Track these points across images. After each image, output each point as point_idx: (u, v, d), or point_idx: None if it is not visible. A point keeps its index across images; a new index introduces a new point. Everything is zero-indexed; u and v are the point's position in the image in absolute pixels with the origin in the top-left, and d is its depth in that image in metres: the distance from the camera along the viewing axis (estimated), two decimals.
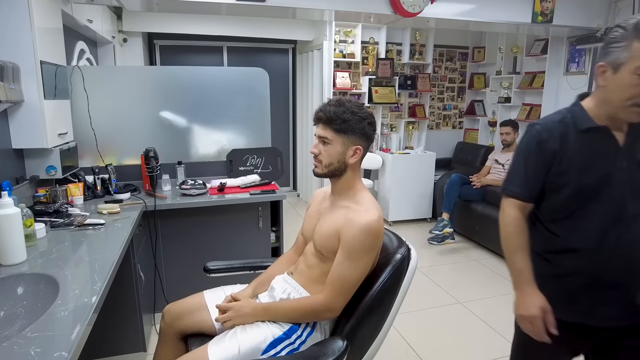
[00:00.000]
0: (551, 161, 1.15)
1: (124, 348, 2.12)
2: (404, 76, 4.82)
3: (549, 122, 1.19)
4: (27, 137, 1.98)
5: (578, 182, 1.13)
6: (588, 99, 1.18)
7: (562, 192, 1.15)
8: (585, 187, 1.12)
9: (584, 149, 1.13)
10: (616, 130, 1.13)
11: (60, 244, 1.64)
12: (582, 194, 1.13)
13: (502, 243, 1.26)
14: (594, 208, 1.12)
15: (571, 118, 1.17)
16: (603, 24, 3.79)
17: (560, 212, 1.18)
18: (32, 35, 1.87)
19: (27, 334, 1.02)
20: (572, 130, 1.15)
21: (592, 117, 1.14)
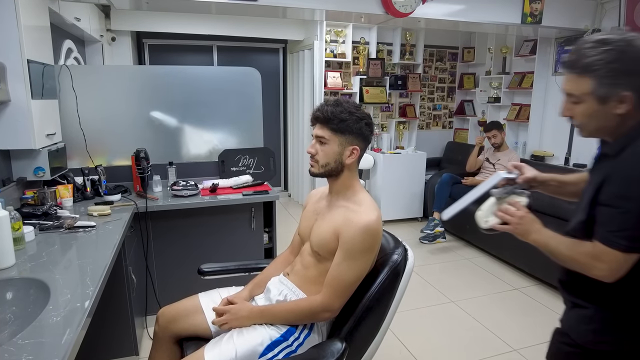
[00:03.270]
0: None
1: (115, 352, 2.09)
2: (394, 76, 4.84)
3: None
4: (13, 137, 1.92)
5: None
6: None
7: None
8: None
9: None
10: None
11: (50, 247, 1.60)
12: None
13: (562, 260, 1.09)
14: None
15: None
16: (590, 25, 3.85)
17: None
18: (19, 34, 1.82)
19: (18, 341, 0.99)
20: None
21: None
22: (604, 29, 3.77)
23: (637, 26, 3.47)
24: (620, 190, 0.95)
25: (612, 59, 0.94)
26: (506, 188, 1.27)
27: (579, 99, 1.01)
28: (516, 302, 2.90)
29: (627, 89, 0.95)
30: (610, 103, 0.97)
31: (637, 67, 0.94)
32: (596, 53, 0.95)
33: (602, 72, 0.95)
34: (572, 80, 1.01)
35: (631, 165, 0.95)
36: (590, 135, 1.08)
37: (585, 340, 1.09)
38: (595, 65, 0.95)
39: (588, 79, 0.97)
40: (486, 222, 1.25)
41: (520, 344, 2.38)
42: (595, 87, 0.97)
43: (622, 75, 0.94)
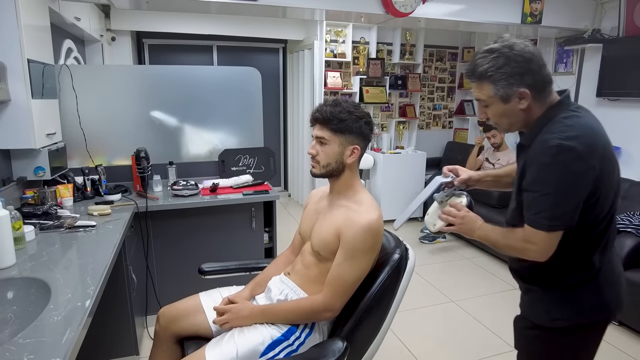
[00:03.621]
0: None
1: (116, 352, 2.08)
2: (394, 76, 4.84)
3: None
4: (14, 137, 1.92)
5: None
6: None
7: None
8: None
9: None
10: None
11: (51, 247, 1.60)
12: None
13: (502, 249, 1.21)
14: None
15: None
16: (590, 25, 3.85)
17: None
18: (19, 33, 1.82)
19: (18, 340, 0.99)
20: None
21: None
22: (604, 29, 3.77)
23: (636, 26, 3.47)
24: (535, 176, 1.07)
25: (501, 64, 1.07)
26: (446, 191, 1.37)
27: (487, 102, 1.14)
28: (516, 301, 2.87)
29: (522, 86, 1.08)
30: (513, 101, 1.10)
31: (523, 67, 1.07)
32: (487, 61, 1.09)
33: (496, 77, 1.08)
34: (476, 87, 1.14)
35: (540, 152, 1.06)
36: (508, 131, 1.20)
37: (542, 320, 1.21)
38: (489, 72, 1.08)
39: (487, 84, 1.10)
40: (434, 225, 1.35)
41: None
42: (495, 90, 1.10)
43: (513, 75, 1.07)
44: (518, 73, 1.07)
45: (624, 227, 2.64)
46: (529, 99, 1.09)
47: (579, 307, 1.17)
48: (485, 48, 1.11)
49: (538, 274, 1.20)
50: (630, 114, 3.58)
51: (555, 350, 1.22)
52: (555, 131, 1.06)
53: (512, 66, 1.07)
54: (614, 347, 2.39)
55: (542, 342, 1.23)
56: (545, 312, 1.20)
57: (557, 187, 1.04)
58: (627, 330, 2.54)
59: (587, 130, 1.06)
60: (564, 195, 1.04)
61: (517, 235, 1.13)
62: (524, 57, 1.07)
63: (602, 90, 3.72)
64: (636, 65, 3.39)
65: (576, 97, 4.09)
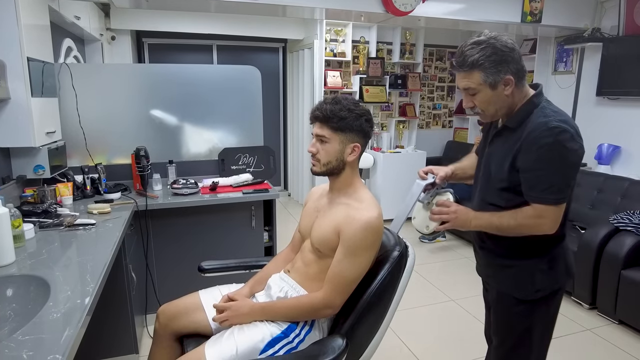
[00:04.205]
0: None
1: (115, 350, 2.08)
2: (394, 75, 4.84)
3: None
4: (13, 135, 1.92)
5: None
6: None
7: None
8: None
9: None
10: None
11: (50, 245, 1.60)
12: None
13: (511, 233, 1.28)
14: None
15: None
16: (590, 24, 3.86)
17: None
18: (19, 32, 1.82)
19: (18, 337, 0.99)
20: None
21: None
22: (604, 28, 3.77)
23: (636, 25, 3.47)
24: (536, 156, 1.17)
25: (489, 53, 1.17)
26: (428, 192, 1.41)
27: (475, 90, 1.23)
28: None
29: (508, 73, 1.19)
30: (499, 87, 1.21)
31: (508, 55, 1.18)
32: (476, 52, 1.18)
33: (486, 65, 1.18)
34: (466, 76, 1.23)
35: (541, 134, 1.17)
36: (493, 118, 1.31)
37: (527, 294, 1.33)
38: (480, 61, 1.18)
39: (477, 72, 1.19)
40: (427, 227, 1.38)
41: None
42: (484, 77, 1.19)
43: (500, 63, 1.18)
44: (504, 61, 1.18)
45: (623, 225, 2.64)
46: (513, 85, 1.21)
47: (555, 274, 1.32)
48: (471, 41, 1.21)
49: (525, 249, 1.31)
50: (630, 113, 3.58)
51: (539, 319, 1.36)
52: (549, 115, 1.19)
53: (499, 55, 1.17)
54: (615, 345, 2.39)
55: (527, 315, 1.35)
56: (531, 285, 1.32)
57: (561, 164, 1.17)
58: (627, 329, 2.54)
59: (568, 116, 1.23)
60: (566, 171, 1.18)
61: (527, 213, 1.22)
62: (508, 47, 1.19)
63: (602, 89, 3.72)
64: (636, 64, 3.39)
65: (576, 96, 4.09)
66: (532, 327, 1.36)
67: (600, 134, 3.81)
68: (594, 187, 3.27)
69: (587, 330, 2.55)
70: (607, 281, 2.60)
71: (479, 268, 1.53)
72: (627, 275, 2.49)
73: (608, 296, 2.60)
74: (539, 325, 1.37)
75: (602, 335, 2.49)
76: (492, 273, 1.43)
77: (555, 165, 1.16)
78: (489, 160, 1.35)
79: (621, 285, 2.52)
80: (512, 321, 1.39)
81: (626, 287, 2.49)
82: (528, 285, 1.32)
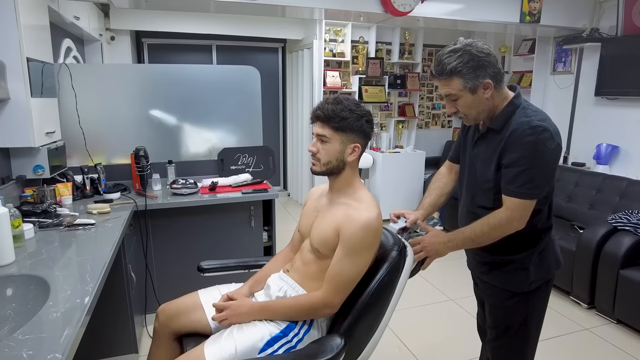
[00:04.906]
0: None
1: (115, 350, 2.08)
2: (393, 75, 4.84)
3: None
4: (13, 135, 1.92)
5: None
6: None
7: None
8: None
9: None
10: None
11: (50, 245, 1.60)
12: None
13: (487, 240, 1.34)
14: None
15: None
16: (588, 25, 3.86)
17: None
18: (18, 32, 1.82)
19: (18, 336, 1.00)
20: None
21: None
22: (602, 28, 3.78)
23: (635, 25, 3.48)
24: (520, 153, 1.23)
25: (466, 59, 1.22)
26: (402, 235, 1.49)
27: (457, 96, 1.27)
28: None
29: (486, 77, 1.24)
30: (479, 91, 1.26)
31: (485, 60, 1.23)
32: (454, 59, 1.23)
33: (464, 71, 1.22)
34: (446, 84, 1.28)
35: (523, 132, 1.23)
36: (476, 120, 1.35)
37: (522, 287, 1.38)
38: (458, 67, 1.23)
39: (456, 79, 1.24)
40: (414, 263, 1.42)
41: None
42: (464, 83, 1.24)
43: (477, 68, 1.23)
44: (482, 66, 1.23)
45: (622, 225, 2.65)
46: (492, 88, 1.26)
47: (547, 265, 1.39)
48: (448, 50, 1.26)
49: (519, 244, 1.36)
50: (629, 113, 3.59)
51: (533, 309, 1.42)
52: (530, 115, 1.26)
53: (476, 60, 1.22)
54: (613, 345, 2.40)
55: (521, 306, 1.41)
56: (526, 278, 1.37)
57: (541, 162, 1.23)
58: (625, 329, 2.55)
59: (547, 115, 1.28)
60: (545, 167, 1.25)
61: (499, 213, 1.28)
62: (483, 52, 1.24)
63: (601, 89, 3.73)
64: (634, 64, 3.40)
65: (575, 96, 4.10)
66: (527, 318, 1.42)
67: (598, 134, 3.82)
68: (593, 187, 3.28)
69: (586, 329, 2.56)
70: (606, 281, 2.60)
71: (471, 265, 1.59)
72: (626, 275, 2.49)
73: (606, 296, 2.61)
74: (534, 315, 1.43)
75: (600, 335, 2.50)
76: (486, 270, 1.47)
77: (536, 162, 1.22)
78: (473, 162, 1.40)
79: (619, 285, 2.52)
80: (508, 314, 1.44)
81: (624, 287, 2.50)
82: (523, 278, 1.37)
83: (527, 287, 1.38)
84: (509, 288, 1.40)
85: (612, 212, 2.95)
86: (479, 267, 1.51)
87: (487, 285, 1.48)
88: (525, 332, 1.44)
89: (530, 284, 1.38)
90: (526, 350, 1.48)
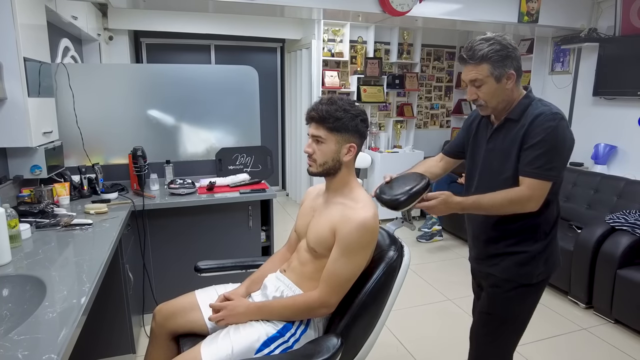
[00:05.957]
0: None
1: (112, 350, 2.08)
2: (392, 75, 4.84)
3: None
4: (10, 135, 1.91)
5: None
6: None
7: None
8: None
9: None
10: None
11: (47, 245, 1.60)
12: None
13: (501, 212, 1.37)
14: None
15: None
16: (586, 25, 3.87)
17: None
18: (15, 32, 1.81)
19: (13, 337, 0.99)
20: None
21: None
22: (600, 29, 3.79)
23: (633, 25, 3.48)
24: (541, 136, 1.28)
25: (498, 48, 1.29)
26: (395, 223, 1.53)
27: (482, 82, 1.33)
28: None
29: (511, 69, 1.31)
30: (503, 80, 1.32)
31: (513, 52, 1.31)
32: (486, 46, 1.29)
33: (494, 58, 1.29)
34: (474, 69, 1.33)
35: (545, 119, 1.29)
36: (492, 111, 1.40)
37: (529, 279, 1.41)
38: (489, 54, 1.29)
39: (485, 65, 1.30)
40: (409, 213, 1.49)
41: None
42: (491, 69, 1.31)
43: (506, 58, 1.30)
44: (509, 57, 1.30)
45: (619, 225, 2.65)
46: (514, 80, 1.33)
47: (553, 259, 1.44)
48: (480, 37, 1.32)
49: (535, 235, 1.39)
50: (626, 113, 3.59)
51: (530, 302, 1.47)
52: (546, 105, 1.34)
53: (505, 51, 1.30)
54: (611, 345, 2.41)
55: (525, 297, 1.45)
56: (536, 269, 1.41)
57: (561, 146, 1.29)
58: (623, 329, 2.56)
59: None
60: (564, 152, 1.31)
61: (520, 190, 1.31)
62: (512, 45, 1.32)
63: (599, 89, 3.73)
64: (632, 64, 3.41)
65: (573, 96, 4.10)
66: (522, 311, 1.47)
67: (596, 133, 3.82)
68: (591, 187, 3.29)
69: (583, 329, 2.56)
70: (603, 280, 2.61)
71: (476, 258, 1.58)
72: (623, 275, 2.50)
73: (604, 295, 2.61)
74: (531, 308, 1.48)
75: (598, 335, 2.50)
76: (496, 261, 1.47)
77: (556, 144, 1.28)
78: (490, 156, 1.44)
79: (617, 285, 2.53)
80: (508, 305, 1.47)
81: (622, 287, 2.50)
82: (534, 269, 1.40)
83: (535, 278, 1.41)
84: (517, 279, 1.43)
85: (610, 212, 2.96)
86: (489, 259, 1.50)
87: (493, 277, 1.49)
88: (517, 324, 1.48)
89: (537, 276, 1.41)
90: (515, 341, 1.52)
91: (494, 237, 1.46)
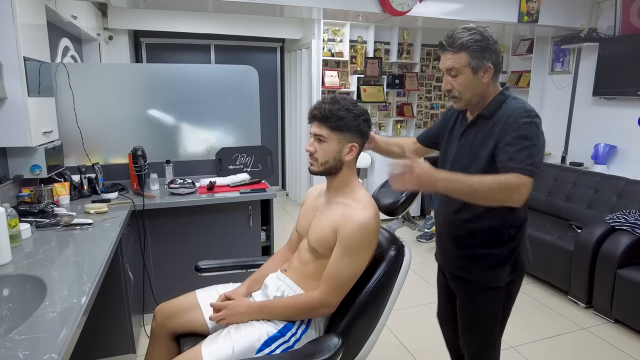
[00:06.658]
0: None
1: (112, 350, 2.08)
2: (392, 75, 4.84)
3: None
4: (10, 135, 1.91)
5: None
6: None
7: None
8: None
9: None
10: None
11: (47, 245, 1.60)
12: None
13: (484, 198, 1.23)
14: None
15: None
16: (586, 25, 3.87)
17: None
18: (15, 31, 1.81)
19: (14, 336, 0.99)
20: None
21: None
22: (600, 28, 3.79)
23: (632, 25, 3.48)
24: (518, 133, 1.25)
25: (478, 38, 1.27)
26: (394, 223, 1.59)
27: (458, 71, 1.30)
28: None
29: (489, 62, 1.29)
30: (479, 73, 1.30)
31: (493, 45, 1.29)
32: (466, 35, 1.27)
33: (473, 48, 1.27)
34: (452, 57, 1.30)
35: (519, 116, 1.27)
36: (466, 105, 1.38)
37: (499, 281, 1.40)
38: (468, 43, 1.27)
39: (464, 53, 1.28)
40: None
41: (517, 341, 2.39)
42: (469, 60, 1.28)
43: (485, 50, 1.28)
44: (489, 49, 1.29)
45: (619, 224, 2.65)
46: (491, 74, 1.31)
47: (521, 262, 1.42)
48: (461, 26, 1.31)
49: (501, 236, 1.37)
50: (626, 113, 3.60)
51: (506, 301, 1.46)
52: (521, 103, 1.32)
53: (486, 42, 1.28)
54: (611, 344, 2.41)
55: (496, 300, 1.44)
56: (502, 273, 1.40)
57: (537, 142, 1.25)
58: (623, 329, 2.56)
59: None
60: (540, 148, 1.27)
61: (511, 177, 1.20)
62: (493, 39, 1.30)
63: (599, 89, 3.73)
64: (632, 64, 3.41)
65: (573, 96, 4.11)
66: (499, 311, 1.47)
67: (596, 133, 3.83)
68: (591, 187, 3.29)
69: (583, 329, 2.56)
70: (603, 280, 2.61)
71: (443, 258, 1.56)
72: (623, 275, 2.50)
73: (604, 295, 2.62)
74: (507, 307, 1.49)
75: (598, 335, 2.50)
76: (463, 264, 1.46)
77: (533, 141, 1.25)
78: (461, 152, 1.41)
79: (617, 285, 2.53)
80: (482, 308, 1.47)
81: (622, 286, 2.50)
82: (500, 274, 1.39)
83: (502, 281, 1.41)
84: (485, 283, 1.42)
85: (610, 211, 2.96)
86: (457, 260, 1.48)
87: (461, 280, 1.48)
88: (498, 323, 1.48)
89: (505, 278, 1.41)
90: (498, 338, 1.53)
91: (461, 238, 1.44)
